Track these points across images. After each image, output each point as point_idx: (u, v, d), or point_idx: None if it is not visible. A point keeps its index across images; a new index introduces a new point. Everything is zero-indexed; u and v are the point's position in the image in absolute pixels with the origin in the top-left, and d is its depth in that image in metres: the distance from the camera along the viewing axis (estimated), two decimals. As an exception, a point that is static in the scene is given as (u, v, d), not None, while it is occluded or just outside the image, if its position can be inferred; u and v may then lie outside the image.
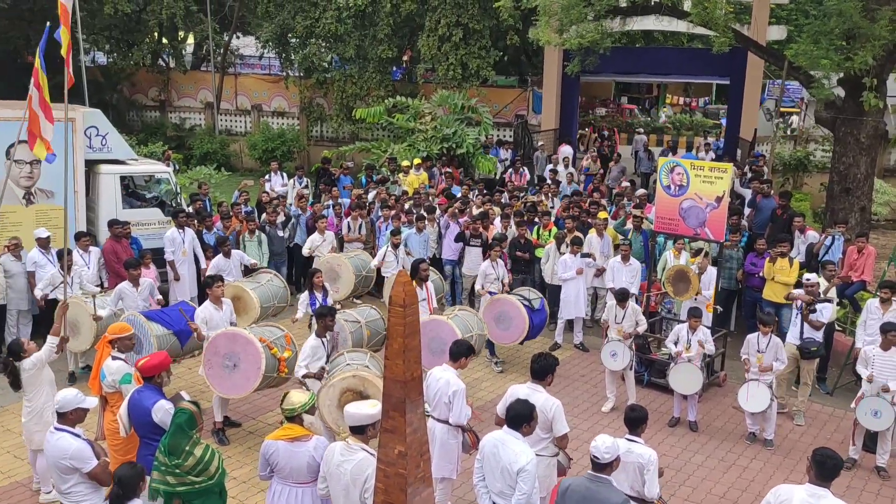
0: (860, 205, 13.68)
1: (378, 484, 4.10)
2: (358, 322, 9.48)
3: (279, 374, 8.37)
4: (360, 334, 9.41)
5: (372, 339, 9.60)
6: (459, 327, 9.31)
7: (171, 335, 8.91)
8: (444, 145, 18.74)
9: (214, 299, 8.73)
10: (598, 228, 12.40)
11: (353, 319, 9.47)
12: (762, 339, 8.88)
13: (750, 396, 8.74)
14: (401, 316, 3.94)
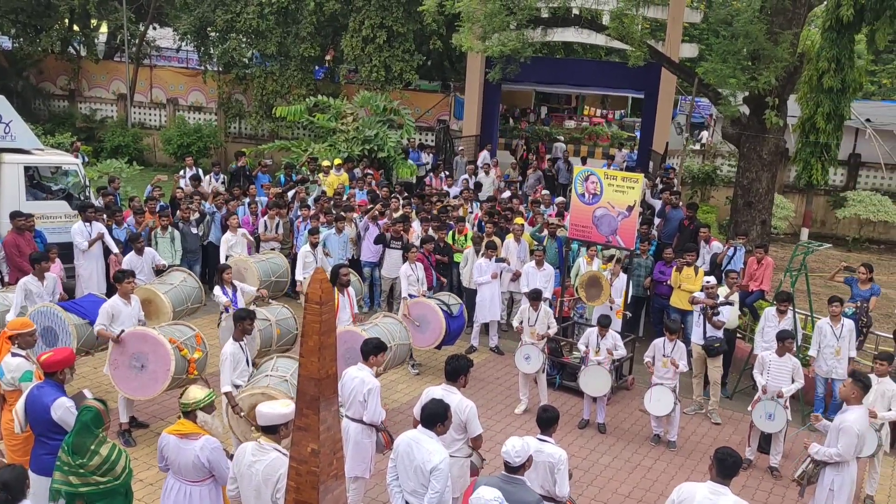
0: (761, 218, 14.39)
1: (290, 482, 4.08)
2: (268, 320, 9.34)
3: (188, 375, 8.19)
4: (269, 332, 9.28)
5: (282, 338, 9.48)
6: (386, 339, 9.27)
7: (88, 325, 8.60)
8: (365, 147, 18.69)
9: (123, 295, 8.48)
10: (516, 234, 12.64)
11: (263, 317, 9.31)
12: (668, 344, 9.24)
13: (655, 400, 9.07)
14: (317, 313, 3.94)
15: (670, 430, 9.28)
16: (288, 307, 10.00)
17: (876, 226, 21.31)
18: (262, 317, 9.31)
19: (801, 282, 10.68)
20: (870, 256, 18.70)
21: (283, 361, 8.07)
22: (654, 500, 7.92)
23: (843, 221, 21.40)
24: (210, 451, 5.52)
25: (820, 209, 22.04)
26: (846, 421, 6.68)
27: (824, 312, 11.87)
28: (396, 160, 18.86)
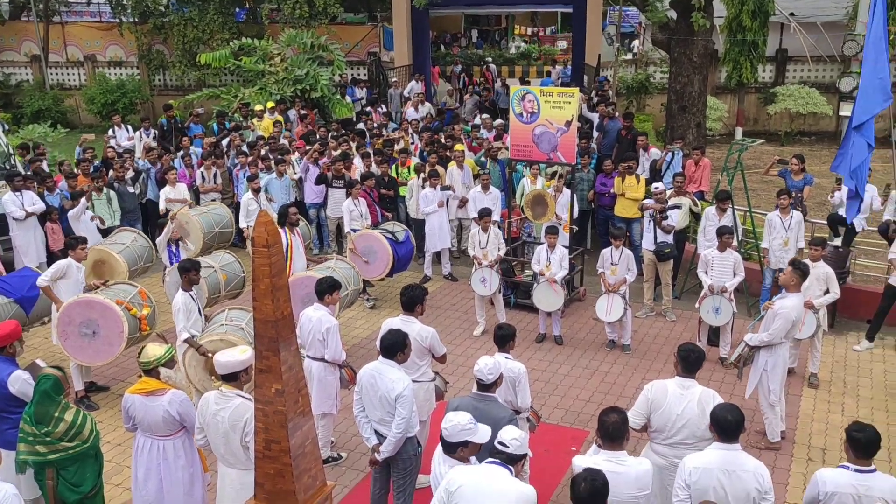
0: (696, 121, 14.62)
1: (258, 424, 4.14)
2: (211, 267, 9.29)
3: (142, 332, 8.18)
4: (215, 279, 9.25)
5: (229, 283, 9.47)
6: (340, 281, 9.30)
7: (13, 303, 8.41)
8: (297, 87, 18.27)
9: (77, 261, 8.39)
10: (457, 160, 12.64)
11: (206, 265, 9.25)
12: (615, 252, 9.47)
13: (607, 307, 9.35)
14: (265, 256, 3.94)
15: (624, 334, 9.60)
16: (230, 252, 9.94)
17: (806, 118, 21.83)
18: (206, 265, 9.25)
19: (738, 179, 10.97)
20: (802, 148, 19.22)
21: (235, 312, 8.11)
22: (615, 401, 8.21)
23: (774, 117, 21.87)
24: (179, 404, 5.55)
25: (752, 107, 22.45)
26: (784, 307, 6.99)
27: (763, 207, 12.28)
28: (331, 99, 18.52)
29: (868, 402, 8.29)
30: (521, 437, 4.48)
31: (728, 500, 4.57)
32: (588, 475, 4.05)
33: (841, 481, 4.58)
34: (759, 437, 7.47)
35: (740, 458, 4.65)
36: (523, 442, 4.48)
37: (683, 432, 5.29)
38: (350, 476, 7.11)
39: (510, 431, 4.49)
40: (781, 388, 7.24)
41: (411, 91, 20.17)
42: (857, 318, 10.15)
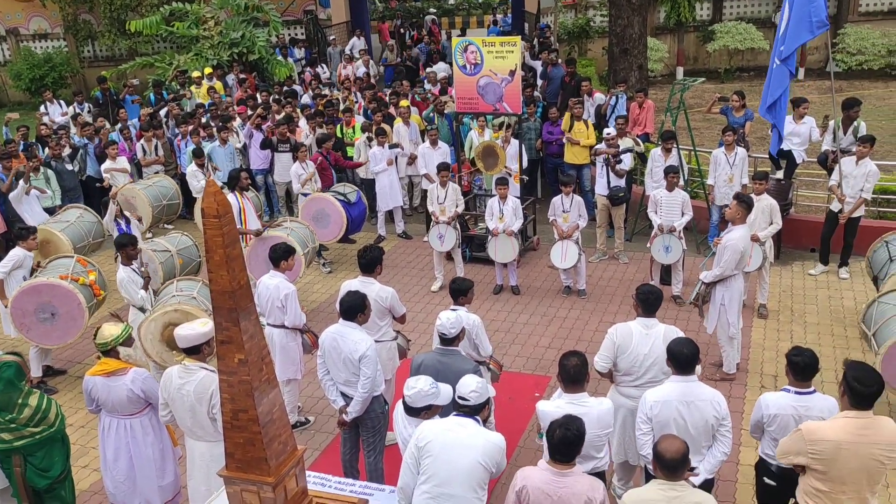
0: (637, 63, 14.70)
1: (224, 395, 4.12)
2: (168, 251, 9.14)
3: (97, 298, 8.18)
4: (171, 263, 9.11)
5: (185, 267, 9.34)
6: (298, 242, 9.26)
7: None
8: (234, 50, 17.82)
9: (28, 250, 8.26)
10: (403, 117, 12.53)
11: (163, 248, 9.11)
12: (565, 199, 9.56)
13: (561, 254, 9.48)
14: (217, 227, 3.86)
15: (579, 280, 9.75)
16: (188, 235, 9.76)
17: (744, 54, 22.09)
18: (162, 248, 9.10)
19: (682, 119, 11.11)
20: (742, 84, 19.49)
21: (184, 283, 8.09)
22: (574, 346, 8.39)
23: (713, 55, 22.07)
24: (143, 381, 5.52)
25: (691, 46, 22.62)
26: (731, 239, 7.18)
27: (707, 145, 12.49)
28: (270, 60, 18.10)
29: (815, 327, 8.61)
30: (480, 386, 4.54)
31: (689, 429, 4.74)
32: (564, 421, 4.15)
33: (782, 403, 4.80)
34: (714, 370, 7.72)
35: (698, 389, 4.82)
36: (482, 390, 4.54)
37: (653, 370, 5.42)
38: (320, 439, 7.16)
39: (467, 384, 4.54)
40: (739, 320, 7.47)
41: (353, 48, 19.83)
42: (801, 248, 10.48)
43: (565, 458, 4.13)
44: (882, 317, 6.77)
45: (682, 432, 4.71)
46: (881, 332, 6.68)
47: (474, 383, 4.53)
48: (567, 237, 9.45)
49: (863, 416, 4.26)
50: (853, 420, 4.27)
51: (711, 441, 4.87)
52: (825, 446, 4.26)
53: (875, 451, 4.23)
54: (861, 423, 4.26)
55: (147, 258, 8.77)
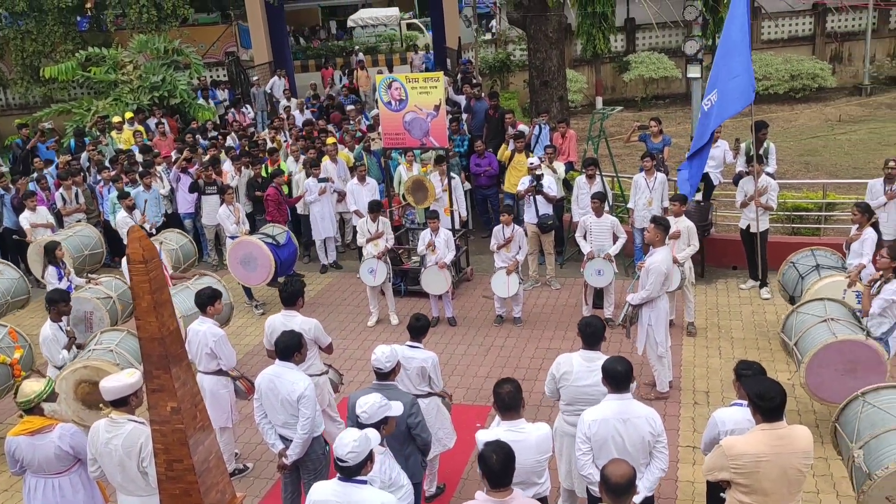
0: (558, 94, 15.09)
1: (157, 445, 4.01)
2: (110, 297, 8.90)
3: (15, 380, 7.57)
4: (114, 310, 8.88)
5: (126, 311, 9.07)
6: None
7: None
8: (154, 94, 17.53)
9: None
10: (330, 154, 12.54)
11: (105, 295, 8.87)
12: (506, 228, 9.68)
13: (502, 283, 9.58)
14: (144, 272, 3.80)
15: (515, 307, 9.85)
16: (121, 278, 9.49)
17: (658, 83, 22.96)
18: (103, 295, 8.87)
19: (603, 146, 11.44)
20: (658, 111, 20.24)
21: (107, 335, 7.79)
22: (512, 373, 8.44)
23: (630, 84, 22.88)
24: (71, 437, 5.31)
25: (608, 76, 23.39)
26: (654, 262, 7.39)
27: (629, 172, 12.86)
28: (192, 104, 17.87)
29: (741, 342, 8.90)
30: (357, 444, 4.18)
31: (626, 446, 4.82)
32: (495, 447, 4.14)
33: (738, 417, 4.91)
34: (648, 389, 7.88)
35: (633, 407, 4.90)
36: (362, 448, 4.19)
37: (594, 403, 5.45)
38: (260, 485, 6.99)
39: (344, 443, 4.18)
40: (667, 339, 7.66)
41: (272, 86, 19.81)
42: (724, 266, 10.86)
43: (500, 483, 4.12)
44: (802, 327, 7.05)
45: (620, 450, 4.78)
46: (802, 342, 6.94)
47: (351, 441, 4.17)
48: (510, 272, 9.54)
49: (777, 428, 4.38)
50: (768, 432, 4.38)
51: (648, 458, 4.95)
52: (746, 460, 4.36)
53: (793, 461, 4.36)
54: (776, 435, 4.37)
55: (93, 306, 8.56)
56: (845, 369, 6.51)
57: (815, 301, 7.32)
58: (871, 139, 16.86)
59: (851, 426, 5.39)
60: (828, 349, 6.54)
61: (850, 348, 6.51)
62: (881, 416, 5.24)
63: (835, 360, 6.54)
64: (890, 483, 4.79)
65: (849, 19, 23.42)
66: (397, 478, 4.72)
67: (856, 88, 22.10)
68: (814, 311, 7.15)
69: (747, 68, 8.91)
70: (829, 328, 6.77)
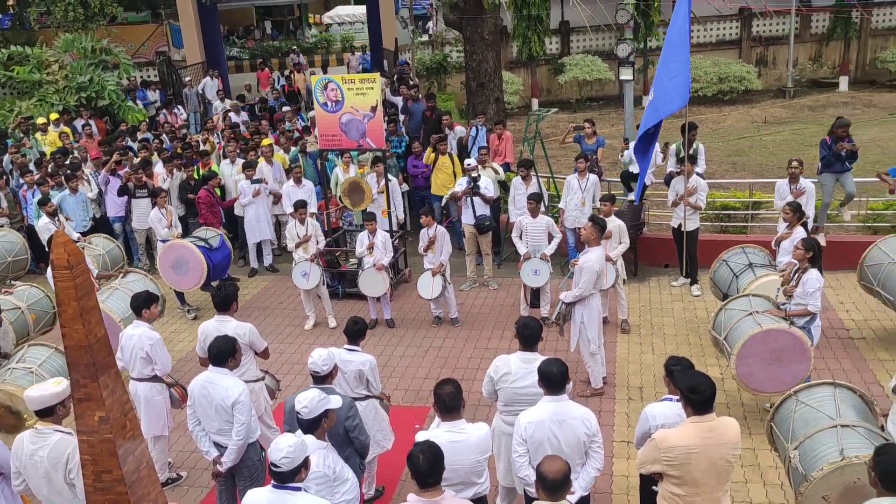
0: (494, 96, 15.22)
1: (84, 456, 3.88)
2: (18, 308, 8.52)
3: None
4: (23, 321, 8.48)
5: (39, 321, 8.73)
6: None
7: None
8: (81, 95, 17.00)
9: None
10: (266, 156, 12.38)
11: (12, 306, 8.47)
12: (429, 230, 9.70)
13: (426, 284, 9.60)
14: (69, 278, 3.66)
15: (450, 309, 9.89)
16: (37, 286, 9.15)
17: (593, 85, 23.40)
18: (11, 306, 8.47)
19: (539, 148, 11.59)
20: (592, 113, 20.60)
21: (34, 350, 7.42)
22: (451, 374, 8.45)
23: (565, 86, 23.24)
24: None
25: (544, 78, 23.72)
26: (588, 261, 7.52)
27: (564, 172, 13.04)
28: (121, 105, 17.38)
29: (673, 338, 9.13)
30: (293, 450, 4.15)
31: (562, 447, 4.87)
32: (422, 447, 4.15)
33: (668, 412, 5.03)
34: (584, 386, 8.01)
35: (569, 408, 4.96)
36: (297, 453, 4.17)
37: (531, 405, 5.49)
38: (194, 493, 6.85)
39: (279, 448, 4.15)
40: (599, 337, 7.80)
41: (204, 87, 19.44)
42: (656, 265, 11.13)
43: (429, 483, 4.13)
44: (730, 322, 7.27)
45: (556, 451, 4.82)
46: (731, 335, 7.16)
47: (286, 446, 4.14)
48: (435, 274, 9.57)
49: (707, 420, 4.52)
50: (698, 425, 4.51)
51: (584, 458, 5.01)
52: (677, 452, 4.48)
53: (722, 452, 4.50)
54: (706, 427, 4.51)
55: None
56: (772, 358, 6.75)
57: (740, 297, 7.57)
58: (794, 140, 17.52)
59: (786, 425, 5.55)
60: (754, 339, 6.76)
61: (775, 337, 6.74)
62: (814, 415, 5.39)
63: (761, 349, 6.76)
64: (825, 484, 4.91)
65: (773, 24, 24.27)
66: (341, 471, 4.74)
67: (780, 91, 22.93)
68: (740, 306, 7.39)
69: (684, 69, 9.18)
70: (754, 320, 7.00)
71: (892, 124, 18.37)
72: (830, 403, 5.42)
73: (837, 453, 4.96)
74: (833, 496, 4.91)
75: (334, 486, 4.69)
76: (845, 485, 4.87)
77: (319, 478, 4.60)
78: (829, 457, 5.00)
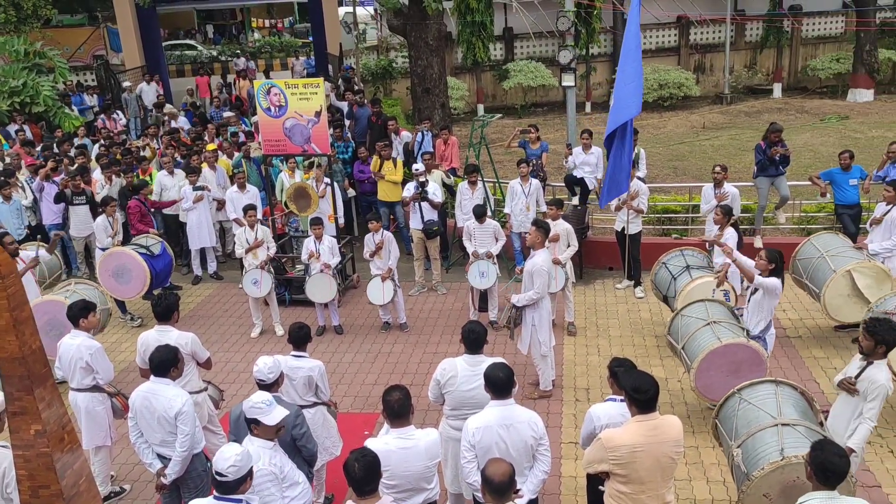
0: (440, 101, 15.29)
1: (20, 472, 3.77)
2: None
3: None
4: None
5: None
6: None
7: None
8: (14, 100, 16.43)
9: None
10: (209, 161, 12.20)
11: None
12: (376, 235, 9.67)
13: (377, 290, 9.57)
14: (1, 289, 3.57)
15: (399, 314, 9.87)
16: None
17: (537, 90, 23.66)
18: None
19: (484, 153, 11.67)
20: (536, 119, 20.83)
21: None
22: (399, 380, 8.46)
23: (510, 92, 23.45)
24: None
25: (489, 84, 23.89)
26: (536, 264, 7.59)
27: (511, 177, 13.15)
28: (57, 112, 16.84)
29: (618, 340, 9.28)
30: (239, 459, 4.12)
31: (510, 451, 4.89)
32: (357, 455, 4.16)
33: (612, 412, 5.10)
34: (532, 389, 8.08)
35: (515, 412, 4.97)
36: (243, 463, 4.14)
37: (478, 409, 5.50)
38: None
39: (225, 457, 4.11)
40: (550, 339, 7.88)
41: (141, 92, 19.03)
42: (601, 267, 11.30)
43: (364, 491, 4.14)
44: (687, 330, 7.32)
45: (504, 455, 4.83)
46: (689, 346, 7.20)
47: (233, 456, 4.11)
48: (387, 277, 9.54)
49: (650, 419, 4.61)
50: (643, 423, 4.60)
51: (532, 461, 5.04)
52: (623, 451, 4.56)
53: (665, 449, 4.60)
54: (650, 425, 4.60)
55: None
56: (730, 370, 6.79)
57: (696, 303, 7.61)
58: (731, 144, 18.01)
59: (730, 423, 5.66)
60: (713, 354, 6.81)
61: (734, 350, 6.81)
62: (755, 413, 5.50)
63: (720, 363, 6.83)
64: (766, 482, 5.03)
65: (709, 32, 24.93)
66: (291, 473, 4.71)
67: (717, 97, 23.54)
68: (696, 313, 7.45)
69: (637, 76, 9.38)
70: (713, 332, 7.05)
71: (824, 129, 19.04)
72: (772, 401, 5.55)
73: (778, 453, 5.08)
74: (774, 494, 5.05)
75: (283, 486, 4.64)
76: (785, 483, 5.01)
77: (266, 475, 4.56)
78: (769, 456, 5.11)
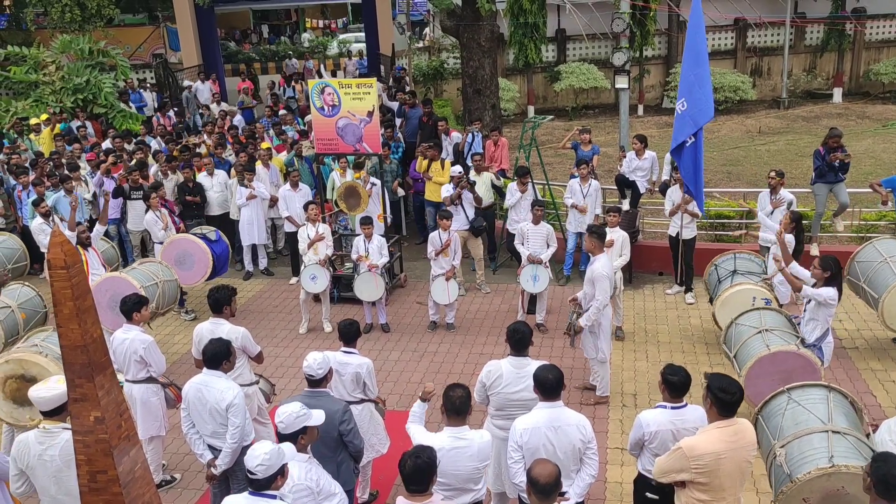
0: (491, 103, 15.28)
1: (79, 457, 3.88)
2: (8, 307, 8.49)
3: None
4: (13, 320, 8.46)
5: (30, 320, 8.70)
6: (138, 279, 8.82)
7: None
8: (78, 97, 16.98)
9: None
10: (263, 159, 12.39)
11: (3, 305, 8.45)
12: (442, 234, 9.70)
13: (441, 290, 9.61)
14: (65, 278, 3.67)
15: (449, 313, 9.89)
16: (29, 285, 9.12)
17: (588, 93, 23.44)
18: (1, 304, 8.45)
19: (534, 155, 11.62)
20: (587, 121, 20.67)
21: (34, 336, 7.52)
22: (445, 380, 8.47)
23: (561, 94, 23.29)
24: None
25: (540, 86, 23.76)
26: (597, 270, 7.46)
27: (560, 180, 13.08)
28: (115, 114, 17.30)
29: (667, 346, 9.15)
30: (268, 457, 4.14)
31: (557, 454, 4.87)
32: (412, 453, 4.16)
33: (661, 419, 5.04)
34: (584, 394, 8.00)
35: (564, 414, 4.95)
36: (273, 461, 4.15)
37: (526, 408, 5.48)
38: (188, 496, 6.83)
39: (255, 455, 4.14)
40: (609, 345, 7.81)
41: (196, 91, 19.43)
42: (651, 272, 11.16)
43: (420, 487, 4.15)
44: (739, 339, 7.22)
45: (551, 457, 4.80)
46: (740, 354, 7.10)
47: (262, 454, 4.14)
48: (451, 276, 9.58)
49: (731, 424, 4.58)
50: (724, 429, 4.56)
51: (579, 464, 5.00)
52: (707, 459, 4.51)
53: (744, 454, 4.58)
54: (731, 431, 4.57)
55: None
56: (781, 379, 6.55)
57: (751, 312, 7.50)
58: (788, 150, 17.59)
59: (775, 422, 5.51)
60: (761, 361, 6.69)
61: (783, 359, 6.67)
62: (805, 415, 5.33)
63: (769, 370, 6.69)
64: (809, 487, 4.89)
65: (768, 35, 24.39)
66: (327, 486, 4.69)
67: (774, 101, 23.03)
68: (750, 322, 7.33)
69: (707, 81, 9.25)
70: (763, 340, 6.92)
71: (885, 136, 18.47)
72: (823, 406, 5.37)
73: (827, 459, 4.94)
74: (814, 500, 4.92)
75: (319, 499, 4.65)
76: (828, 491, 4.88)
77: (303, 490, 4.56)
78: (818, 461, 4.96)
